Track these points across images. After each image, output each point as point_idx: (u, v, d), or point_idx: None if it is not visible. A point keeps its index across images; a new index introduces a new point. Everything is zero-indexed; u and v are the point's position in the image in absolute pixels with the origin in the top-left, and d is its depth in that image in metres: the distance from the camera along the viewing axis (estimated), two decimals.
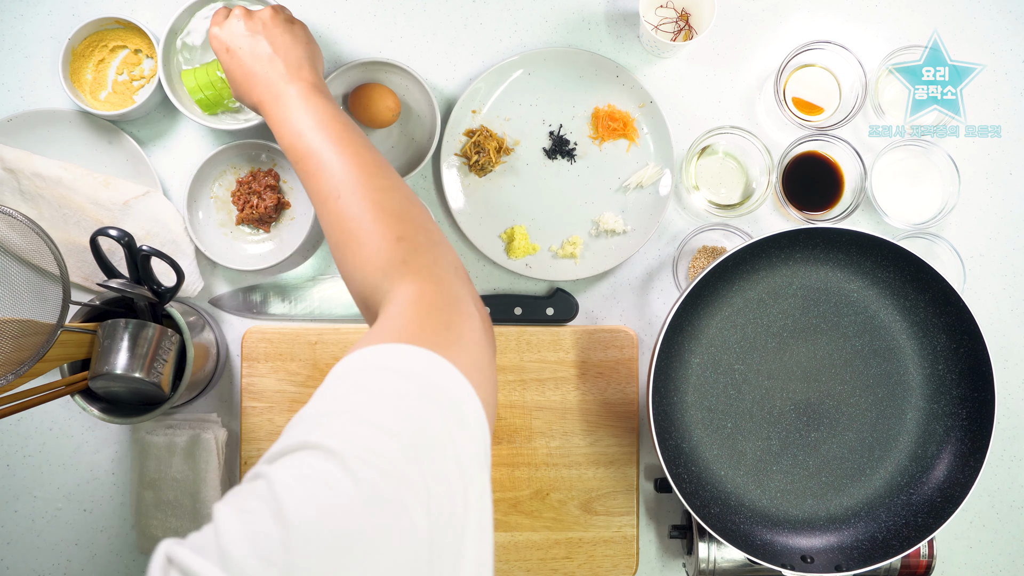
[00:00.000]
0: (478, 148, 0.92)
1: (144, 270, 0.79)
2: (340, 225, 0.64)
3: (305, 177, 0.68)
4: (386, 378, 0.47)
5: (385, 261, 0.60)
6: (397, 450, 0.41)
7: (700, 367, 0.84)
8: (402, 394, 0.45)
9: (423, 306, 0.55)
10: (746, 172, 0.94)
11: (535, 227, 0.93)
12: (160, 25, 0.90)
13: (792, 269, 0.84)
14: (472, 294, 0.60)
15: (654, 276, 0.95)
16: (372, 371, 0.47)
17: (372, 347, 0.49)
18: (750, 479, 0.84)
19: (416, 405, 0.45)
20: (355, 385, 0.46)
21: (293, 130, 0.70)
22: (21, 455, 0.91)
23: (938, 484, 0.82)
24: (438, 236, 0.64)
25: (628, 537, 0.91)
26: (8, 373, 0.71)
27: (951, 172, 0.91)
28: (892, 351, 0.84)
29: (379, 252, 0.61)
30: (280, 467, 0.40)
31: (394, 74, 0.91)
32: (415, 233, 0.62)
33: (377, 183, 0.65)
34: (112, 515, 0.92)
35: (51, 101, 0.92)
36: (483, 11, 0.95)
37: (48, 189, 0.89)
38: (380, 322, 0.55)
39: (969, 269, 0.93)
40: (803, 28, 0.96)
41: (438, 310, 0.55)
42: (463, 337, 0.53)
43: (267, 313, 0.93)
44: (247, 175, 0.91)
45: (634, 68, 0.95)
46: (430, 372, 0.48)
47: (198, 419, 0.90)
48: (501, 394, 0.91)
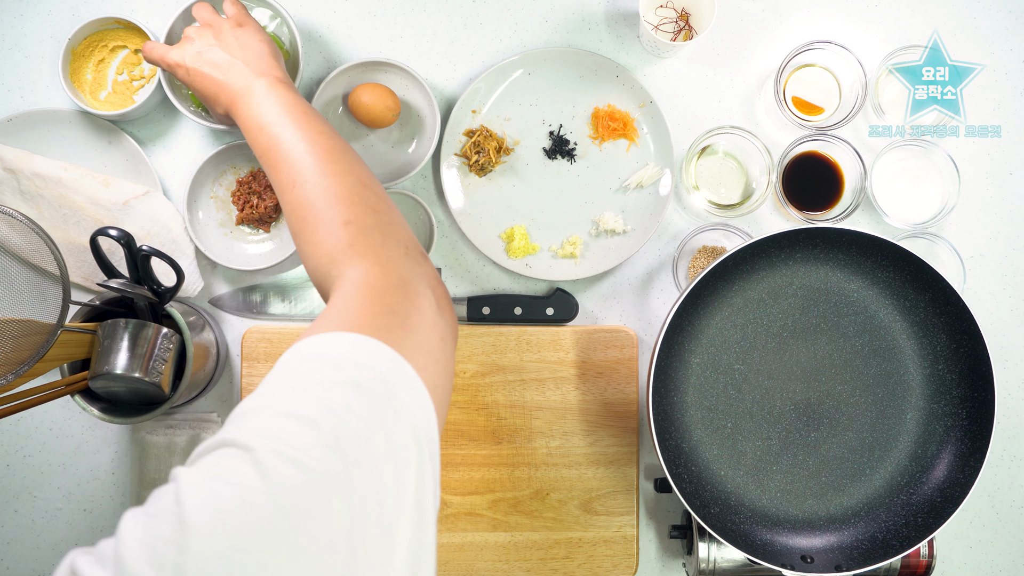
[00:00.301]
0: (478, 148, 0.92)
1: (144, 270, 0.79)
2: (297, 212, 0.64)
3: (270, 170, 0.69)
4: (314, 367, 0.46)
5: (333, 246, 0.60)
6: (316, 440, 0.41)
7: (700, 367, 0.84)
8: (329, 383, 0.45)
9: (366, 290, 0.55)
10: (746, 172, 0.94)
11: (535, 227, 0.93)
12: (160, 25, 0.90)
13: (792, 269, 0.84)
14: (425, 273, 0.59)
15: (654, 276, 0.95)
16: (302, 362, 0.47)
17: (309, 337, 0.49)
18: (750, 479, 0.84)
19: (343, 393, 0.44)
20: (282, 378, 0.46)
21: (256, 124, 0.70)
22: (21, 455, 0.91)
23: (938, 484, 0.82)
24: (390, 217, 0.63)
25: (628, 537, 0.91)
26: (8, 373, 0.71)
27: (951, 172, 0.91)
28: (892, 351, 0.84)
29: (328, 237, 0.61)
30: (193, 469, 0.40)
31: (394, 74, 0.91)
32: (363, 215, 0.62)
33: (330, 168, 0.65)
34: (112, 515, 0.92)
35: (51, 101, 0.92)
36: (483, 11, 0.95)
37: (48, 189, 0.89)
38: (325, 310, 0.54)
39: (969, 269, 0.93)
40: (803, 28, 0.96)
41: (382, 293, 0.54)
42: (409, 319, 0.52)
43: (267, 313, 0.93)
44: (247, 175, 0.91)
45: (634, 68, 0.95)
46: (364, 358, 0.47)
47: (198, 419, 0.90)
48: (501, 394, 0.91)
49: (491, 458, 0.91)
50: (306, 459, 0.40)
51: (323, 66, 0.93)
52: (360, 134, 0.93)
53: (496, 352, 0.91)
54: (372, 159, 0.93)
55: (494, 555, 0.91)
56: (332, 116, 0.92)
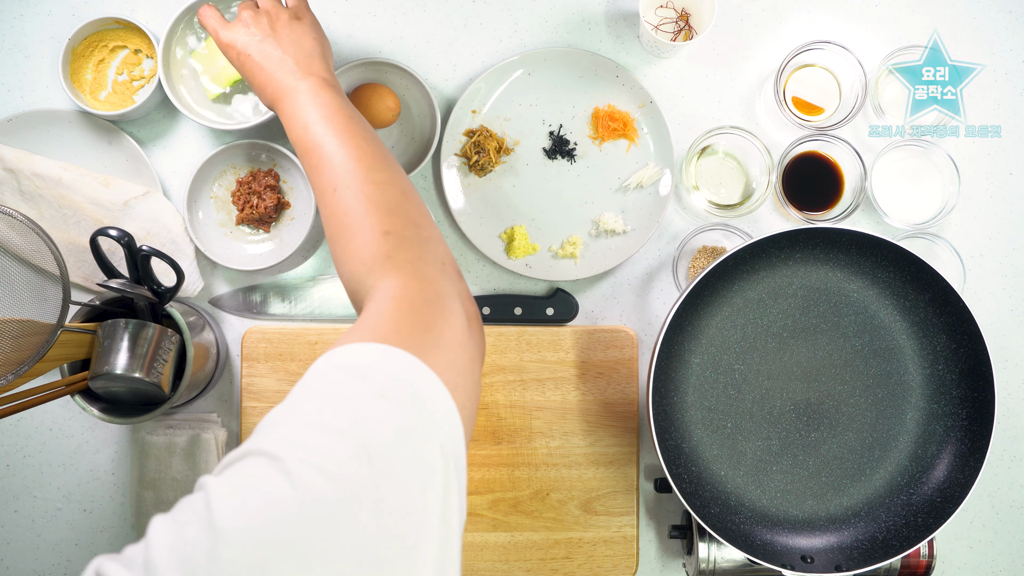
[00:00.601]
0: (478, 148, 0.92)
1: (144, 270, 0.79)
2: (335, 218, 0.64)
3: (310, 171, 0.68)
4: (344, 378, 0.46)
5: (371, 255, 0.59)
6: (346, 451, 0.41)
7: (700, 367, 0.84)
8: (359, 394, 0.45)
9: (402, 303, 0.54)
10: (746, 172, 0.94)
11: (535, 227, 0.93)
12: (160, 25, 0.90)
13: (792, 269, 0.84)
14: (460, 291, 0.59)
15: (654, 276, 0.95)
16: (333, 372, 0.47)
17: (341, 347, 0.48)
18: (750, 479, 0.84)
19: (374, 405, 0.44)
20: (312, 388, 0.46)
21: (300, 124, 0.70)
22: (21, 455, 0.91)
23: (938, 484, 0.82)
24: (429, 232, 0.63)
25: (628, 537, 0.91)
26: (8, 373, 0.71)
27: (951, 172, 0.91)
28: (892, 351, 0.84)
29: (366, 246, 0.60)
30: (222, 477, 0.40)
31: (394, 74, 0.91)
32: (404, 227, 0.61)
33: (374, 176, 0.65)
34: (112, 515, 0.92)
35: (51, 101, 0.92)
36: (483, 11, 0.95)
37: (48, 189, 0.89)
38: (358, 320, 0.54)
39: (969, 269, 0.93)
40: (803, 28, 0.96)
41: (417, 308, 0.54)
42: (442, 337, 0.52)
43: (267, 313, 0.93)
44: (247, 175, 0.91)
45: (634, 68, 0.95)
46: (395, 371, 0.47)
47: (198, 419, 0.90)
48: (501, 394, 0.91)
49: (491, 458, 0.91)
50: (335, 469, 0.40)
51: None
52: None
53: (496, 352, 0.91)
54: None
55: (494, 555, 0.91)
56: None
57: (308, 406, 0.44)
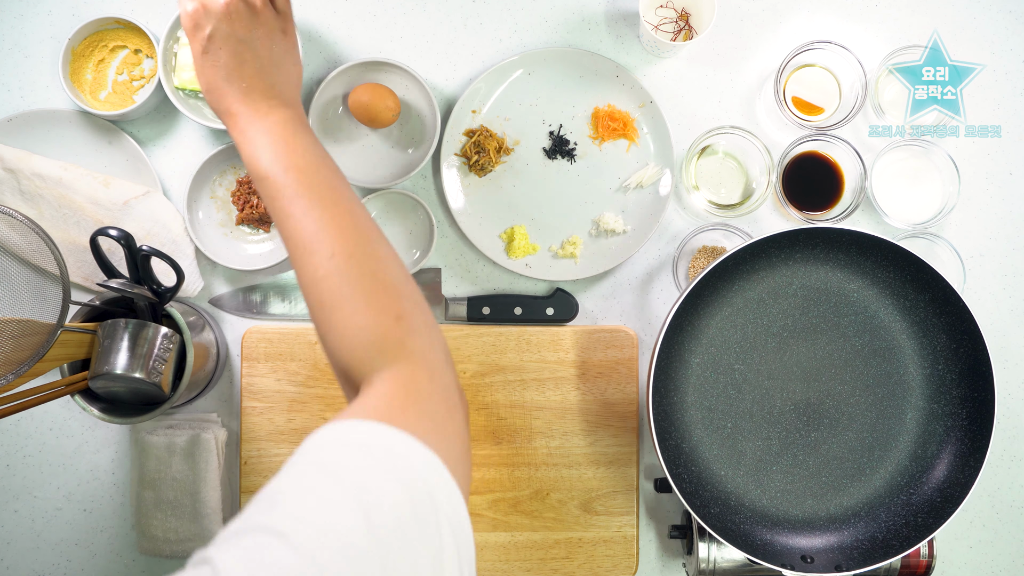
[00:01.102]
0: (478, 148, 0.92)
1: (144, 270, 0.79)
2: (327, 285, 0.60)
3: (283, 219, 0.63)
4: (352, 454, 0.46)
5: (380, 338, 0.58)
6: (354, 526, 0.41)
7: (700, 367, 0.84)
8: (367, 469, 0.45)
9: (412, 391, 0.55)
10: (746, 172, 0.94)
11: (535, 227, 0.93)
12: (160, 25, 0.90)
13: (792, 269, 0.84)
14: (457, 382, 0.59)
15: (654, 276, 0.95)
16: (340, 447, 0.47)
17: (347, 421, 0.49)
18: (750, 479, 0.84)
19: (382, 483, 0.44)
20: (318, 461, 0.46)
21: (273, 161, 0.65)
22: (21, 455, 0.91)
23: (938, 484, 0.82)
24: (431, 317, 0.62)
25: (628, 537, 0.91)
26: (8, 373, 0.71)
27: (951, 172, 0.91)
28: (892, 351, 0.84)
29: (375, 327, 0.58)
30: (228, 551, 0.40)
31: (394, 74, 0.91)
32: (413, 312, 0.60)
33: (375, 250, 0.62)
34: (112, 515, 0.92)
35: (51, 101, 0.92)
36: (483, 11, 0.95)
37: (48, 189, 0.89)
38: (363, 398, 0.54)
39: (969, 269, 0.93)
40: (803, 28, 0.96)
41: (426, 398, 0.55)
42: (445, 429, 0.54)
43: (267, 313, 0.93)
44: (247, 175, 0.91)
45: (634, 68, 0.95)
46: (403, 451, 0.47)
47: (198, 419, 0.90)
48: (501, 394, 0.91)
49: (491, 458, 0.91)
50: (345, 546, 0.40)
51: (323, 66, 0.93)
52: (360, 134, 0.93)
53: (496, 352, 0.91)
54: (372, 159, 0.93)
55: (494, 555, 0.91)
56: (332, 116, 0.92)
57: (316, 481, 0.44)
